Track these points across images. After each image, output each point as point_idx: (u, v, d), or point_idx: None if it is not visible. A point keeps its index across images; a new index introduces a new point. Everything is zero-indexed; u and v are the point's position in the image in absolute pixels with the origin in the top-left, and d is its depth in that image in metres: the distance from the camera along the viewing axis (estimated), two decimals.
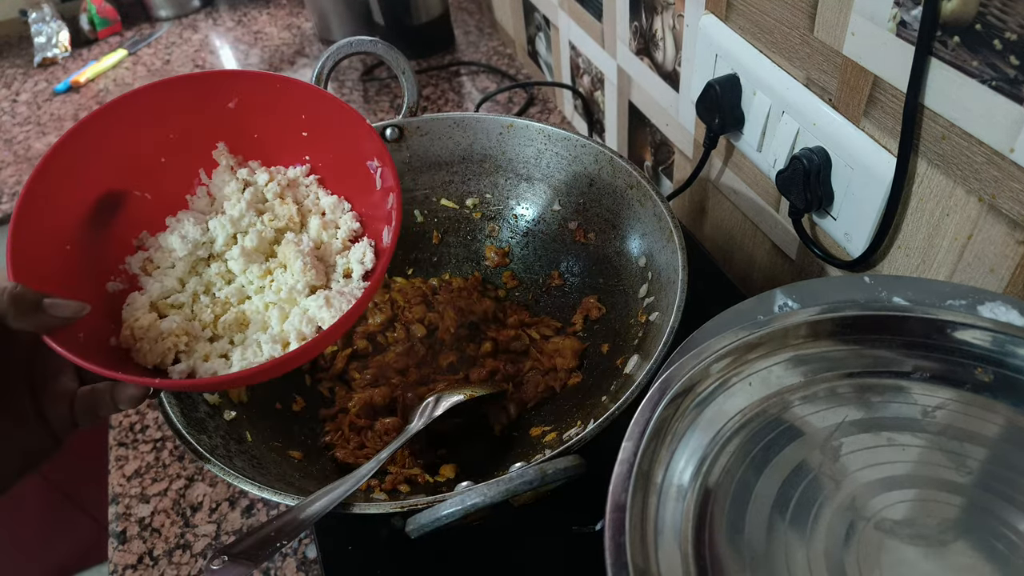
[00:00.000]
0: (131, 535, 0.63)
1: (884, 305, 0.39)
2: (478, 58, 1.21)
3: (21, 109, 1.28)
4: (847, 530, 0.31)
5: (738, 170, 0.66)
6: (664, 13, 0.67)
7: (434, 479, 0.56)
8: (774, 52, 0.55)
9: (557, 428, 0.59)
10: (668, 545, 0.30)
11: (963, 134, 0.41)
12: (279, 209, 0.52)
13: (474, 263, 0.75)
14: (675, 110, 0.73)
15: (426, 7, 1.17)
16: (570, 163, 0.68)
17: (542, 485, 0.39)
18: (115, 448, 0.70)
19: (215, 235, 0.51)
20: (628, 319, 0.62)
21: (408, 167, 0.73)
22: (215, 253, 0.52)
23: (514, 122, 0.69)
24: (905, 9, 0.41)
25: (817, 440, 0.34)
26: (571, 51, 0.94)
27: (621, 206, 0.64)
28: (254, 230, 0.51)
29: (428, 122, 0.71)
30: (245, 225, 0.51)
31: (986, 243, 0.43)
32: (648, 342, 0.55)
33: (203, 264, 0.51)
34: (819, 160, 0.51)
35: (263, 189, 0.53)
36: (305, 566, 0.59)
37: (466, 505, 0.39)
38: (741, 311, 0.42)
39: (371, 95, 1.16)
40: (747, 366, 0.37)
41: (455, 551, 0.51)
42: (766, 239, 0.66)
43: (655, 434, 0.33)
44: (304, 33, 1.37)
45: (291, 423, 0.61)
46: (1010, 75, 0.37)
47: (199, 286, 0.50)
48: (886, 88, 0.45)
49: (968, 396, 0.35)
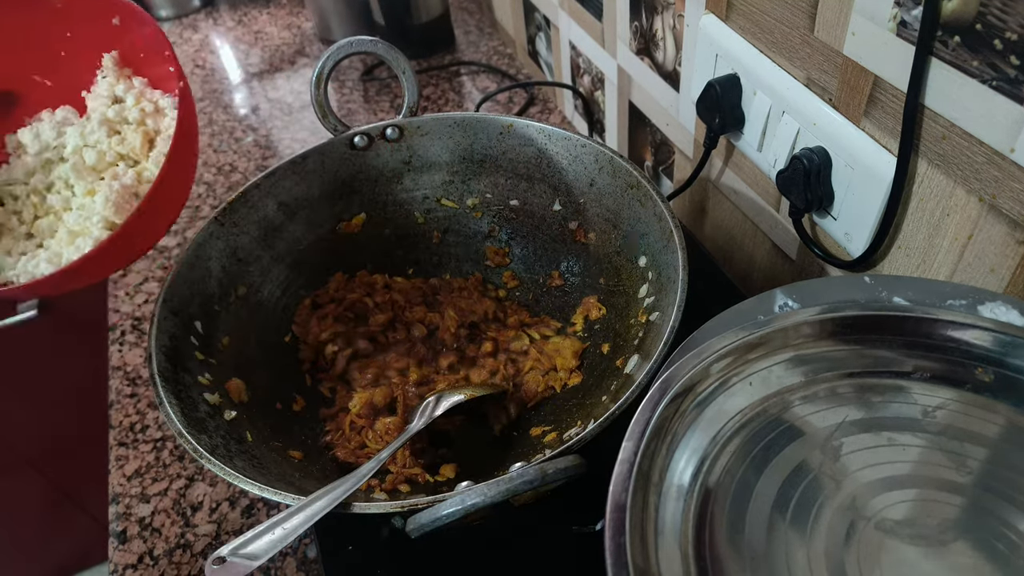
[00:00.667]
0: (131, 535, 0.63)
1: (884, 305, 0.39)
2: (478, 58, 1.21)
3: None
4: (847, 530, 0.31)
5: (738, 170, 0.66)
6: (664, 13, 0.67)
7: (434, 479, 0.56)
8: (774, 52, 0.55)
9: (557, 428, 0.59)
10: (668, 545, 0.30)
11: (963, 134, 0.41)
12: (130, 135, 0.54)
13: (474, 263, 0.75)
14: (675, 110, 0.73)
15: (426, 7, 1.17)
16: (570, 163, 0.68)
17: (542, 485, 0.39)
18: (115, 448, 0.70)
19: (67, 142, 0.53)
20: (628, 319, 0.62)
21: (408, 167, 0.73)
22: (63, 157, 0.54)
23: (514, 122, 0.69)
24: (905, 9, 0.41)
25: (817, 440, 0.34)
26: (571, 51, 0.94)
27: (621, 206, 0.64)
28: (97, 148, 0.53)
29: (428, 122, 0.71)
30: (94, 140, 0.53)
31: (986, 243, 0.43)
32: (648, 342, 0.55)
33: (55, 165, 0.54)
34: (819, 160, 0.51)
35: (129, 110, 0.54)
36: (305, 566, 0.59)
37: (466, 505, 0.39)
38: (741, 311, 0.42)
39: (371, 95, 1.16)
40: (747, 366, 0.37)
41: (455, 551, 0.51)
42: (766, 239, 0.66)
43: (655, 434, 0.33)
44: (304, 33, 1.37)
45: (291, 423, 0.61)
46: (1010, 75, 0.37)
47: (41, 183, 0.53)
48: (886, 88, 0.45)
49: (968, 396, 0.35)
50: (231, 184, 1.01)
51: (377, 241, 0.74)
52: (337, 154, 0.70)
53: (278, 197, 0.68)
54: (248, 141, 1.10)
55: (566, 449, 0.44)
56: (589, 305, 0.67)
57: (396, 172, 0.73)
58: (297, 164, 0.68)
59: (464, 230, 0.75)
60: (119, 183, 0.50)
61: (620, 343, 0.61)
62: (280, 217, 0.69)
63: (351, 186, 0.72)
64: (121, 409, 0.73)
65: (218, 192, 1.00)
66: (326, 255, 0.72)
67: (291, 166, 0.68)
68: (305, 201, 0.70)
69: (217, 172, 1.04)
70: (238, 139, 1.10)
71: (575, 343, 0.65)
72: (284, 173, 0.68)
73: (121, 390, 0.75)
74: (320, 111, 0.68)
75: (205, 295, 0.61)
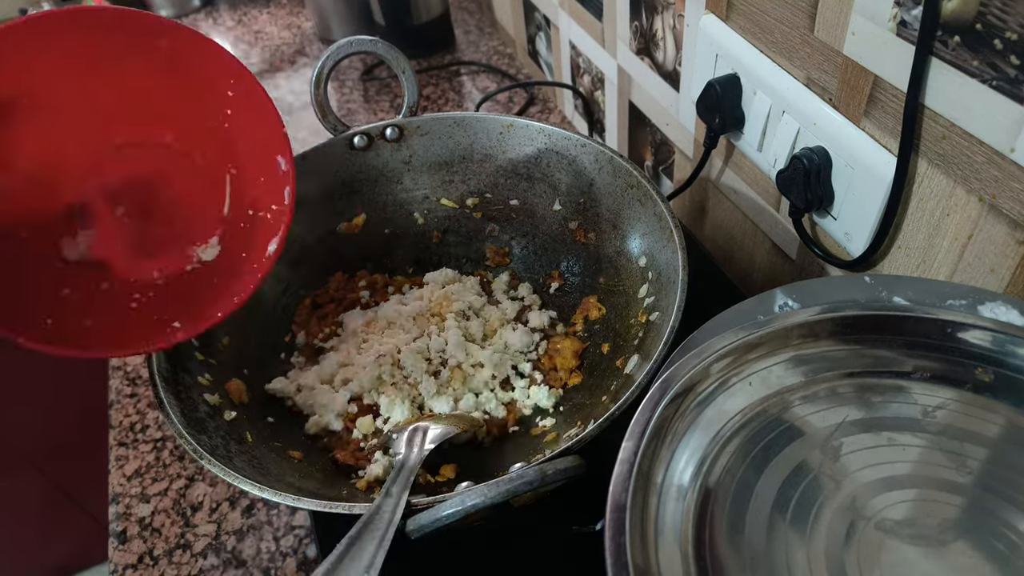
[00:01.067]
0: (131, 535, 0.63)
1: (884, 305, 0.39)
2: (478, 58, 1.21)
3: None
4: (847, 530, 0.31)
5: (738, 170, 0.66)
6: (664, 13, 0.67)
7: (435, 479, 0.56)
8: (774, 52, 0.55)
9: (557, 428, 0.59)
10: (668, 545, 0.30)
11: (963, 134, 0.41)
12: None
13: (474, 263, 0.75)
14: (675, 110, 0.73)
15: (426, 7, 1.17)
16: (571, 163, 0.68)
17: (542, 486, 0.39)
18: (115, 448, 0.70)
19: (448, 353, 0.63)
20: (628, 319, 0.62)
21: (408, 167, 0.73)
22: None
23: (514, 122, 0.69)
24: (905, 9, 0.41)
25: (817, 440, 0.34)
26: (571, 51, 0.94)
27: (621, 206, 0.64)
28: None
29: (428, 122, 0.71)
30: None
31: (986, 243, 0.43)
32: (648, 342, 0.55)
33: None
34: (819, 160, 0.51)
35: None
36: (305, 566, 0.59)
37: (466, 506, 0.39)
38: (741, 311, 0.42)
39: (371, 95, 1.16)
40: (747, 366, 0.37)
41: (455, 551, 0.51)
42: (766, 239, 0.66)
43: (655, 434, 0.33)
44: (304, 33, 1.37)
45: (291, 423, 0.61)
46: (1010, 75, 0.37)
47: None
48: (886, 88, 0.45)
49: (968, 396, 0.35)
50: None
51: (377, 241, 0.74)
52: (337, 154, 0.70)
53: None
54: None
55: (566, 450, 0.44)
56: (589, 305, 0.67)
57: (396, 172, 0.73)
58: (296, 164, 0.68)
59: (464, 230, 0.75)
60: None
61: (620, 343, 0.61)
62: None
63: (351, 186, 0.72)
64: (121, 409, 0.73)
65: None
66: (326, 255, 0.72)
67: None
68: (305, 201, 0.70)
69: None
70: None
71: (575, 343, 0.65)
72: None
73: (121, 390, 0.75)
74: (320, 111, 0.68)
75: None
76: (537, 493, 0.40)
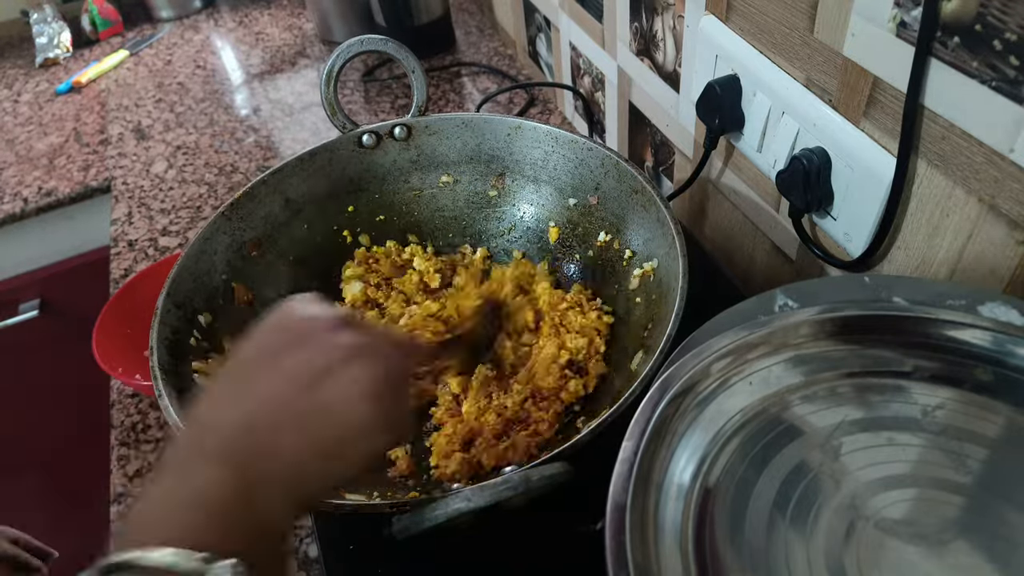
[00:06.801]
0: None
1: (884, 305, 0.39)
2: (479, 59, 1.21)
3: (23, 109, 1.28)
4: (847, 529, 0.31)
5: (738, 170, 0.66)
6: (664, 14, 0.67)
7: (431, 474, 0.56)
8: (774, 53, 0.55)
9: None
10: (668, 544, 0.30)
11: (963, 134, 0.41)
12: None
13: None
14: (675, 111, 0.73)
15: (427, 8, 1.17)
16: (576, 166, 0.68)
17: (528, 492, 0.39)
18: (117, 448, 0.70)
19: None
20: (629, 324, 0.62)
21: (415, 166, 0.73)
22: None
23: (522, 123, 0.69)
24: (905, 10, 0.41)
25: (817, 440, 0.34)
26: (572, 52, 0.94)
27: (626, 210, 0.64)
28: None
29: (436, 122, 0.71)
30: None
31: (986, 243, 0.43)
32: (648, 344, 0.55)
33: None
34: (819, 160, 0.51)
35: None
36: (306, 565, 0.59)
37: (450, 510, 0.38)
38: (741, 311, 0.42)
39: (372, 96, 1.16)
40: (747, 366, 0.37)
41: (455, 551, 0.51)
42: (766, 239, 0.66)
43: (655, 434, 0.33)
44: (305, 34, 1.37)
45: None
46: (1010, 75, 0.37)
47: None
48: (886, 88, 0.45)
49: (968, 396, 0.35)
50: (232, 185, 1.02)
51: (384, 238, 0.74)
52: (345, 152, 0.70)
53: (285, 193, 0.68)
54: (249, 142, 1.10)
55: (557, 454, 0.44)
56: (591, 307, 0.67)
57: (404, 171, 0.73)
58: (305, 161, 0.69)
59: (470, 230, 0.75)
60: None
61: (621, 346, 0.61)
62: (286, 214, 0.69)
63: (358, 184, 0.72)
64: (122, 409, 0.73)
65: (219, 193, 1.01)
66: (332, 252, 0.72)
67: (299, 163, 0.68)
68: (312, 198, 0.70)
69: (219, 173, 1.04)
70: (239, 140, 1.11)
71: (602, 320, 0.65)
72: (292, 170, 0.68)
73: (122, 389, 0.75)
74: (330, 109, 0.68)
75: (209, 289, 0.61)
76: (529, 498, 0.40)
